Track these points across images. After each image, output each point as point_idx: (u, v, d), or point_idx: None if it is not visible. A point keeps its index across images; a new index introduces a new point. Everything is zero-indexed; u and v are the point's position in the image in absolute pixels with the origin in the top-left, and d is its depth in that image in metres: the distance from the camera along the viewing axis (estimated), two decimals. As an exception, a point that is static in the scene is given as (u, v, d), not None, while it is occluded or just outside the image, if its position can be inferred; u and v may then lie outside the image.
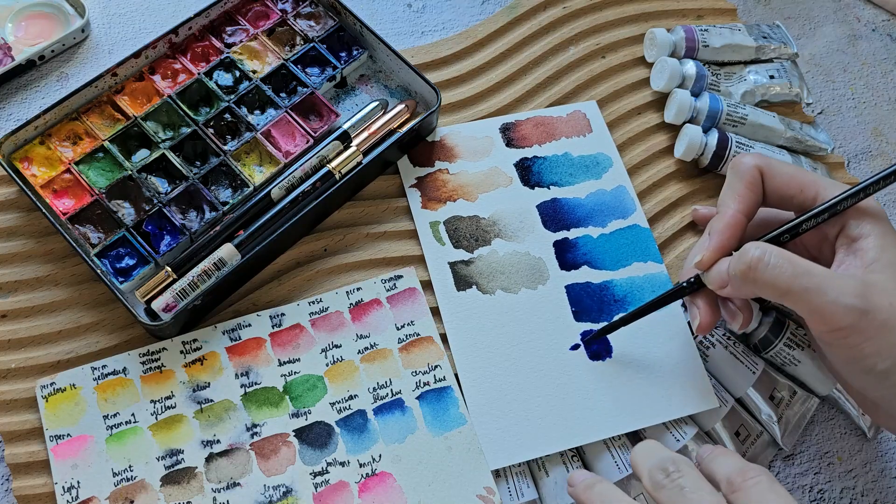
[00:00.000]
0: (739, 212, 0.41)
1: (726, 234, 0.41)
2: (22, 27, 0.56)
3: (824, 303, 0.36)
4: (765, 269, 0.37)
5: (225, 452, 0.43)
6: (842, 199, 0.39)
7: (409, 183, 0.51)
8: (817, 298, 0.37)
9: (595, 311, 0.48)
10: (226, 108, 0.51)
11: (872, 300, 0.36)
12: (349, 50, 0.54)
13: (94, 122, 0.50)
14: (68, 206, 0.47)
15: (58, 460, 0.42)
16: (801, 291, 0.37)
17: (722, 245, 0.41)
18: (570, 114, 0.55)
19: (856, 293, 0.36)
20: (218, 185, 0.49)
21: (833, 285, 0.37)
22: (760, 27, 0.58)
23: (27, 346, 0.45)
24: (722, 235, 0.41)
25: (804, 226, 0.41)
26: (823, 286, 0.37)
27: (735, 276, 0.39)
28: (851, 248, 0.39)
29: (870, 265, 0.38)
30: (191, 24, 0.52)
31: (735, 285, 0.39)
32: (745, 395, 0.47)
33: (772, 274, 0.37)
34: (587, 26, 0.58)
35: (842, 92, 0.61)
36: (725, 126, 0.53)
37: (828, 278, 0.37)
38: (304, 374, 0.45)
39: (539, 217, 0.51)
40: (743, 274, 0.38)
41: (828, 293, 0.36)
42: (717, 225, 0.41)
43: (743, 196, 0.42)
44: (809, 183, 0.41)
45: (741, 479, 0.34)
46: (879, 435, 0.49)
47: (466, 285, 0.48)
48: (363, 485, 0.43)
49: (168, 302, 0.44)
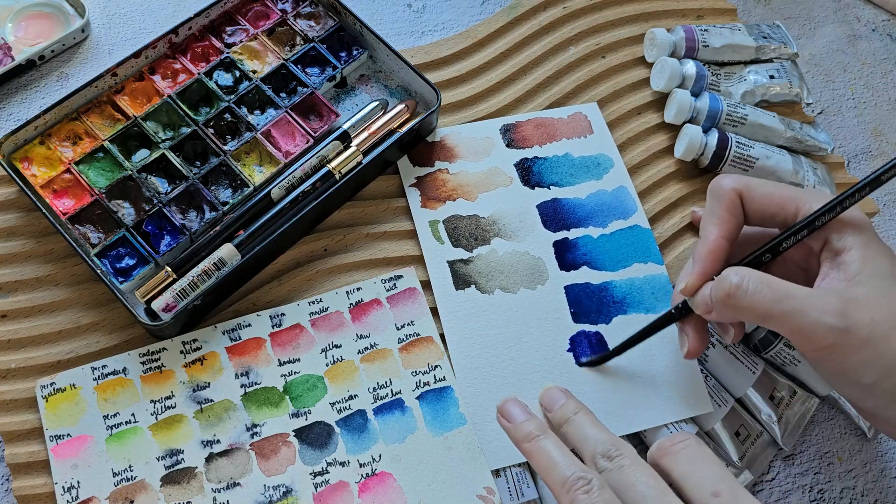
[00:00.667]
0: (721, 237, 0.41)
1: (709, 259, 0.41)
2: (22, 27, 0.56)
3: (805, 324, 0.37)
4: (744, 295, 0.38)
5: (225, 452, 0.43)
6: (819, 214, 0.39)
7: (409, 183, 0.51)
8: (798, 320, 0.37)
9: (594, 313, 0.48)
10: (226, 108, 0.51)
11: (853, 317, 0.36)
12: (349, 50, 0.54)
13: (94, 122, 0.50)
14: (68, 206, 0.47)
15: (58, 460, 0.42)
16: (781, 315, 0.37)
17: (705, 271, 0.41)
18: (571, 115, 0.55)
19: (836, 311, 0.36)
20: (218, 185, 0.49)
21: (813, 306, 0.37)
22: (760, 27, 0.58)
23: (27, 346, 0.45)
24: (705, 261, 0.41)
25: (783, 244, 0.41)
26: (803, 308, 0.37)
27: (716, 303, 0.39)
28: (835, 262, 0.39)
29: (853, 278, 0.38)
30: (191, 24, 0.52)
31: (717, 311, 0.40)
32: (745, 395, 0.47)
33: (751, 300, 0.38)
34: (587, 26, 0.59)
35: (842, 92, 0.61)
36: (725, 126, 0.53)
37: (807, 299, 0.37)
38: (304, 374, 0.45)
39: (539, 217, 0.51)
40: (723, 301, 0.39)
41: (808, 314, 0.37)
42: (701, 251, 0.42)
43: (723, 220, 0.42)
44: (788, 199, 0.41)
45: (670, 443, 0.36)
46: (879, 435, 0.49)
47: (465, 284, 0.48)
48: (363, 485, 0.43)
49: (168, 302, 0.44)
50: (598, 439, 0.38)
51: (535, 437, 0.39)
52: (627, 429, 0.45)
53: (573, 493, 0.35)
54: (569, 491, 0.35)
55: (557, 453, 0.37)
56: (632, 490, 0.35)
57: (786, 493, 0.46)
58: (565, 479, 0.36)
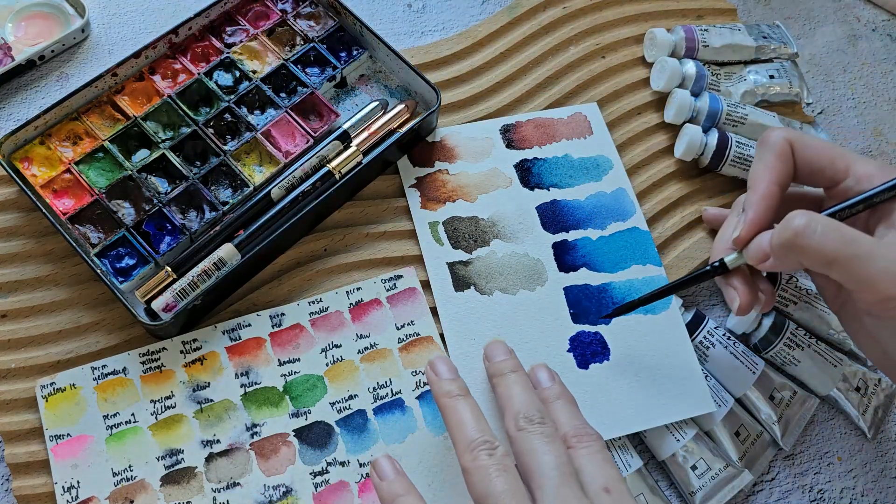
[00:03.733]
0: (773, 182, 0.40)
1: (762, 206, 0.40)
2: (22, 27, 0.56)
3: (874, 271, 0.35)
4: (812, 235, 0.36)
5: (225, 452, 0.43)
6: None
7: (409, 183, 0.51)
8: (866, 266, 0.35)
9: (593, 314, 0.48)
10: (226, 108, 0.51)
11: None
12: (349, 50, 0.54)
13: (94, 122, 0.50)
14: (68, 206, 0.47)
15: (58, 460, 0.42)
16: (849, 259, 0.36)
17: (759, 218, 0.40)
18: (571, 115, 0.55)
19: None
20: (218, 185, 0.49)
21: (882, 254, 0.35)
22: (760, 27, 0.58)
23: (27, 346, 0.45)
24: (758, 208, 0.40)
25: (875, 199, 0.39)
26: (872, 254, 0.35)
27: (779, 246, 0.38)
28: (890, 221, 0.38)
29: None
30: (191, 24, 0.52)
31: (779, 256, 0.38)
32: (745, 395, 0.47)
33: (819, 241, 0.36)
34: (587, 26, 0.58)
35: (842, 92, 0.61)
36: (725, 126, 0.53)
37: (876, 246, 0.36)
38: (304, 374, 0.45)
39: (538, 218, 0.51)
40: (788, 242, 0.37)
41: (877, 261, 0.35)
42: (752, 198, 0.40)
43: (775, 167, 0.41)
44: (840, 156, 0.40)
45: (576, 440, 0.38)
46: (879, 435, 0.49)
47: (464, 286, 0.48)
48: (363, 485, 0.43)
49: (168, 302, 0.44)
50: (526, 400, 0.39)
51: (455, 395, 0.39)
52: (627, 429, 0.45)
53: (477, 453, 0.36)
54: (473, 450, 0.36)
55: (470, 416, 0.38)
56: (534, 457, 0.36)
57: (786, 493, 0.46)
58: (472, 440, 0.37)
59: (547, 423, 0.38)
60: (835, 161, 0.41)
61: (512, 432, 0.38)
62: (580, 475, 0.36)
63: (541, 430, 0.37)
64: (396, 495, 0.37)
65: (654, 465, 0.46)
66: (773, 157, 0.41)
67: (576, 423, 0.39)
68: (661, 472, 0.46)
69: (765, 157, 0.41)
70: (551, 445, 0.37)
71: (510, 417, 0.39)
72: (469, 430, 0.37)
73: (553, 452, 0.36)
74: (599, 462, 0.37)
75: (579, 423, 0.39)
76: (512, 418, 0.39)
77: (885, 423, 0.49)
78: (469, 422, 0.38)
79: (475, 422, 0.38)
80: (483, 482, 0.35)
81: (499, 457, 0.36)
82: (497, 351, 0.43)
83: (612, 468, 0.37)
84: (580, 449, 0.37)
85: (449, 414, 0.39)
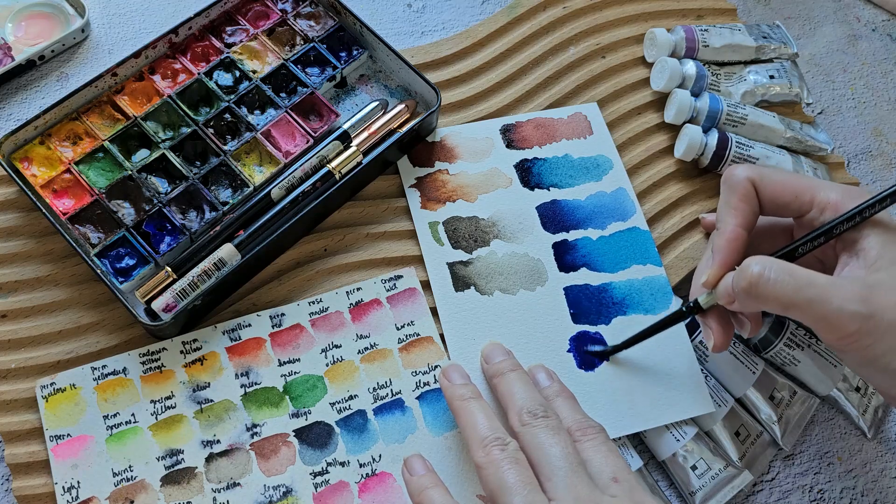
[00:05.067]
0: (738, 226, 0.41)
1: (728, 249, 0.41)
2: (22, 27, 0.56)
3: (829, 311, 0.36)
4: (766, 283, 0.37)
5: (225, 452, 0.43)
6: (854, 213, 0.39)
7: (409, 183, 0.51)
8: (822, 308, 0.36)
9: (593, 314, 0.48)
10: (226, 108, 0.51)
11: (877, 302, 0.36)
12: (349, 50, 0.54)
13: (94, 122, 0.50)
14: (68, 206, 0.47)
15: (58, 460, 0.42)
16: (805, 303, 0.37)
17: (725, 261, 0.41)
18: (571, 115, 0.55)
19: (859, 298, 0.36)
20: (218, 185, 0.49)
21: (836, 294, 0.36)
22: (760, 27, 0.58)
23: (27, 346, 0.45)
24: (724, 252, 0.41)
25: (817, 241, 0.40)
26: (826, 295, 0.36)
27: (737, 293, 0.39)
28: (853, 251, 0.39)
29: (873, 264, 0.38)
30: (191, 24, 0.52)
31: (740, 301, 0.39)
32: (745, 395, 0.47)
33: (774, 289, 0.37)
34: (587, 26, 0.58)
35: (842, 92, 0.61)
36: (725, 126, 0.53)
37: (830, 287, 0.37)
38: (304, 374, 0.45)
39: (538, 218, 0.51)
40: (745, 290, 0.38)
41: (832, 301, 0.36)
42: (719, 242, 0.41)
43: (739, 209, 0.42)
44: (804, 188, 0.41)
45: (580, 434, 0.39)
46: (879, 435, 0.49)
47: (465, 286, 0.48)
48: (363, 485, 0.43)
49: (168, 302, 0.44)
50: (528, 396, 0.40)
51: (468, 398, 0.41)
52: (628, 429, 0.45)
53: (489, 448, 0.37)
54: (485, 446, 0.37)
55: (483, 415, 0.40)
56: (541, 450, 0.37)
57: (786, 493, 0.46)
58: (484, 437, 0.38)
59: (551, 416, 0.39)
60: (798, 194, 0.41)
61: (517, 428, 0.39)
62: (587, 467, 0.37)
63: (545, 424, 0.38)
64: (424, 487, 0.38)
65: (654, 465, 0.46)
66: (737, 199, 0.42)
67: (577, 418, 0.40)
68: (661, 472, 0.46)
69: (729, 199, 0.42)
70: (557, 437, 0.37)
71: (514, 414, 0.40)
72: (481, 428, 0.39)
73: (560, 444, 0.37)
74: (605, 453, 0.38)
75: (581, 416, 0.40)
76: (516, 414, 0.39)
77: (885, 423, 0.49)
78: (481, 421, 0.39)
79: (487, 420, 0.39)
80: (496, 475, 0.36)
81: (511, 451, 0.37)
82: (495, 352, 0.44)
83: (618, 458, 0.38)
84: (585, 442, 0.38)
85: (462, 415, 0.40)
